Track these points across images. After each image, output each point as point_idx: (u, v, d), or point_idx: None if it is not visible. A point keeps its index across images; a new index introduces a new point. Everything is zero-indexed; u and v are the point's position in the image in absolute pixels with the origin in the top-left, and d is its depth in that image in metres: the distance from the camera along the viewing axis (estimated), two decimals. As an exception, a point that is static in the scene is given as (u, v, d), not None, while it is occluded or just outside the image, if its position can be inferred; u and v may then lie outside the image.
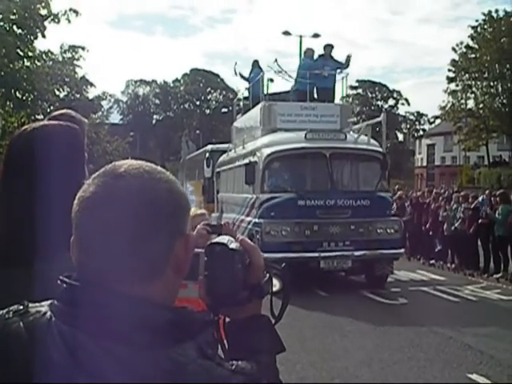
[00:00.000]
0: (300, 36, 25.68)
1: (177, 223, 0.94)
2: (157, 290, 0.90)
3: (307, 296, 9.28)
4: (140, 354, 0.83)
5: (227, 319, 1.14)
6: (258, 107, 12.80)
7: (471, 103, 41.26)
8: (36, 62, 15.60)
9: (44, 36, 14.10)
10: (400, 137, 73.56)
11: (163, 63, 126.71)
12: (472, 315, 8.88)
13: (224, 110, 66.63)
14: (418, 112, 73.73)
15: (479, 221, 12.71)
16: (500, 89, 39.24)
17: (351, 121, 13.70)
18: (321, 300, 9.85)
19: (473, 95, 41.00)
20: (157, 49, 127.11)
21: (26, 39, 14.22)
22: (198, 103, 75.49)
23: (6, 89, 14.22)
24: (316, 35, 25.60)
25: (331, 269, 10.50)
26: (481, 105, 39.95)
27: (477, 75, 40.06)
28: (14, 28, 13.97)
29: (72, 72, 20.85)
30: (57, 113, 2.12)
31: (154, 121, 77.15)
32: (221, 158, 15.41)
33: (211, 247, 1.10)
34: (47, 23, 13.90)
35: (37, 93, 15.33)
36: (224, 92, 73.55)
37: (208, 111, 75.04)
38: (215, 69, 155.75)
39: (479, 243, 12.98)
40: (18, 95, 14.77)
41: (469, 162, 48.68)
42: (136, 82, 77.00)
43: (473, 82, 40.70)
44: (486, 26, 39.32)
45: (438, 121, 55.69)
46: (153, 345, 0.84)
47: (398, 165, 49.75)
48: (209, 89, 75.09)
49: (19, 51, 14.08)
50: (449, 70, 41.80)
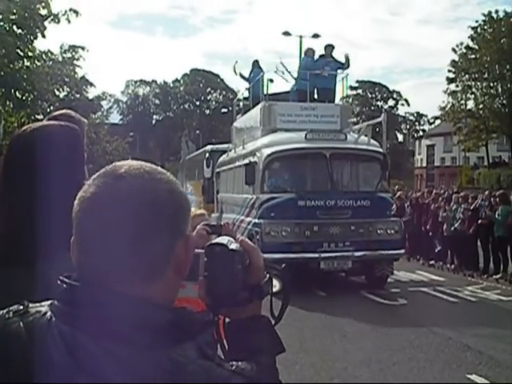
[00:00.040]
0: (300, 36, 25.70)
1: (177, 224, 0.94)
2: (157, 291, 0.90)
3: (307, 297, 9.27)
4: (140, 355, 0.83)
5: (227, 320, 1.14)
6: (258, 107, 12.78)
7: (471, 104, 41.38)
8: (36, 62, 15.58)
9: (44, 36, 14.07)
10: (400, 137, 73.56)
11: (163, 63, 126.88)
12: (471, 316, 8.88)
13: (224, 111, 66.49)
14: (418, 112, 73.80)
15: (479, 221, 12.72)
16: (500, 89, 39.27)
17: (351, 121, 13.70)
18: (321, 301, 9.85)
19: (473, 96, 41.05)
20: (157, 49, 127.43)
21: (26, 39, 14.19)
22: (198, 103, 75.46)
23: (6, 89, 14.20)
24: (316, 35, 25.58)
25: (331, 269, 10.50)
26: (481, 105, 39.97)
27: (477, 76, 40.09)
28: (14, 28, 13.94)
29: (72, 72, 20.88)
30: (56, 113, 2.13)
31: (154, 121, 77.12)
32: (221, 159, 15.39)
33: (211, 248, 1.10)
34: (47, 23, 13.87)
35: (37, 93, 15.32)
36: (224, 92, 73.53)
37: (208, 111, 75.00)
38: (215, 69, 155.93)
39: (479, 244, 12.98)
40: (18, 95, 14.74)
41: (468, 163, 48.71)
42: (136, 82, 77.00)
43: (473, 83, 40.74)
44: (486, 27, 39.34)
45: (438, 121, 55.66)
46: (153, 345, 0.84)
47: (398, 165, 49.68)
48: (209, 89, 75.05)
49: (19, 51, 14.05)
50: (449, 71, 41.91)
